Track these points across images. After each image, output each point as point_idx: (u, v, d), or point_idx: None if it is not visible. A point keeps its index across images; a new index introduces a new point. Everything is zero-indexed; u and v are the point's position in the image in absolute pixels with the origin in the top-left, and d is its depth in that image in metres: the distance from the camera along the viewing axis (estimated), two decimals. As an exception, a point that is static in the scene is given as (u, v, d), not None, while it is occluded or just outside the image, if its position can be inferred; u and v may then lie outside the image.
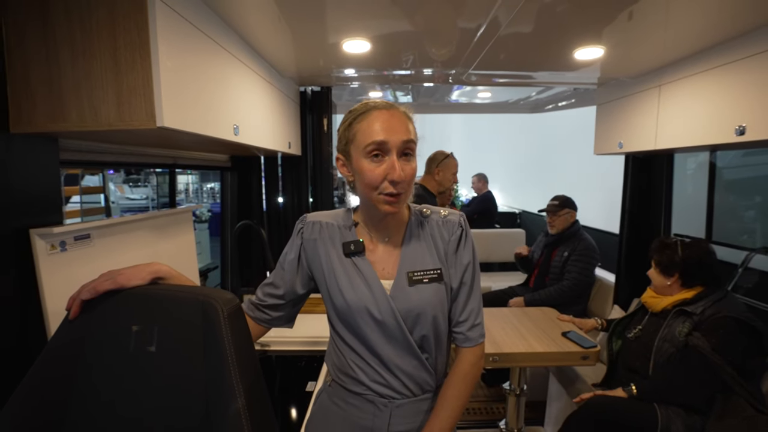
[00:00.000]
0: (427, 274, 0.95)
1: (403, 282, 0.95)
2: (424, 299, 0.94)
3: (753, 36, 1.50)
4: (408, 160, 0.91)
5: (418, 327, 0.94)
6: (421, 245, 0.98)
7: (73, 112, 0.97)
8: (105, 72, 0.96)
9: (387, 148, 0.88)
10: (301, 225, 1.03)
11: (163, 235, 1.57)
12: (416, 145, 0.93)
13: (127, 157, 1.43)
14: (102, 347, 0.81)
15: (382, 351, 0.94)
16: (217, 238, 2.42)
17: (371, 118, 0.89)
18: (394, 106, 0.92)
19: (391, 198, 0.89)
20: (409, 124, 0.92)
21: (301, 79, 2.30)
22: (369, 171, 0.89)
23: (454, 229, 0.99)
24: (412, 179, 0.91)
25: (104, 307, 0.82)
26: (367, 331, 0.94)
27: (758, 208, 3.12)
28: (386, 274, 0.97)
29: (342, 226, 1.01)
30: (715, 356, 1.55)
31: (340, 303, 0.95)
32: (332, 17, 1.45)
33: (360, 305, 0.93)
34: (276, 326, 1.06)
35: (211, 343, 0.77)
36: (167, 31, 1.00)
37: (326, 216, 1.04)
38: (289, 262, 1.02)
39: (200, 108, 1.18)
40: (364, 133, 0.89)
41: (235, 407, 0.75)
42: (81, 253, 1.13)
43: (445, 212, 1.01)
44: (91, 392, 0.80)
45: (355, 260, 0.97)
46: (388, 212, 0.91)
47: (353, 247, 0.97)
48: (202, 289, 0.83)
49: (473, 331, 0.99)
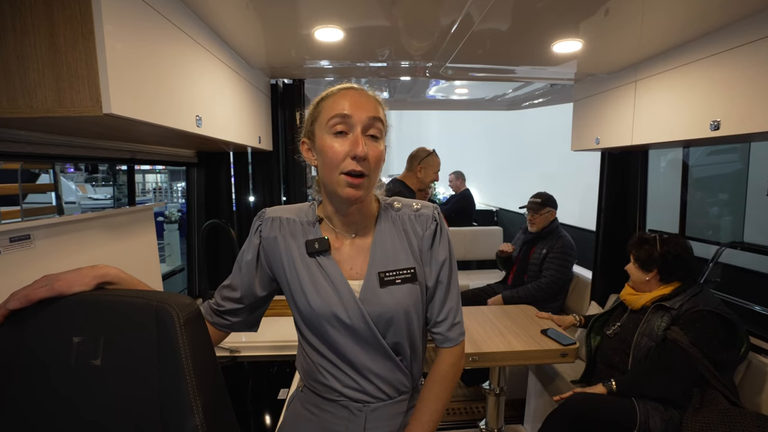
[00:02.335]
0: (399, 274, 0.88)
1: (374, 283, 0.87)
2: (397, 302, 0.87)
3: (724, 32, 1.50)
4: (375, 141, 0.84)
5: (391, 330, 0.88)
6: (392, 242, 0.91)
7: (2, 97, 0.85)
8: (40, 51, 0.85)
9: (351, 123, 0.82)
10: (259, 222, 0.95)
11: (121, 236, 1.45)
12: (384, 130, 0.86)
13: (77, 150, 1.30)
14: (36, 362, 0.71)
15: (354, 356, 0.88)
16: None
17: (339, 95, 0.85)
18: (364, 89, 0.87)
19: (354, 179, 0.81)
20: (379, 106, 0.86)
21: (271, 70, 2.20)
22: (330, 148, 0.82)
23: (428, 224, 0.92)
24: (377, 162, 0.84)
25: (40, 317, 0.72)
26: (336, 337, 0.87)
27: (722, 204, 3.23)
28: (354, 274, 0.89)
29: (304, 222, 0.93)
30: (693, 349, 1.56)
31: (304, 307, 0.88)
32: (304, 3, 1.37)
33: (326, 310, 0.86)
34: (237, 331, 0.98)
35: (167, 353, 0.69)
36: (115, 8, 0.90)
37: (287, 211, 0.95)
38: (246, 263, 0.94)
39: (156, 95, 1.08)
40: (328, 109, 0.84)
41: (192, 424, 0.68)
42: (18, 257, 1.01)
43: (418, 205, 0.94)
44: (26, 410, 0.70)
45: (320, 260, 0.89)
46: (350, 197, 0.83)
47: (317, 246, 0.88)
48: (155, 293, 0.74)
49: (452, 331, 0.93)
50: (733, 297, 2.31)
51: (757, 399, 1.63)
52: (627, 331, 1.81)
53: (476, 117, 7.00)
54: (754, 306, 2.24)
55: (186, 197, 2.23)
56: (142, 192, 10.72)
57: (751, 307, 2.25)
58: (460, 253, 4.45)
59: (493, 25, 1.56)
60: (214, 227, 2.12)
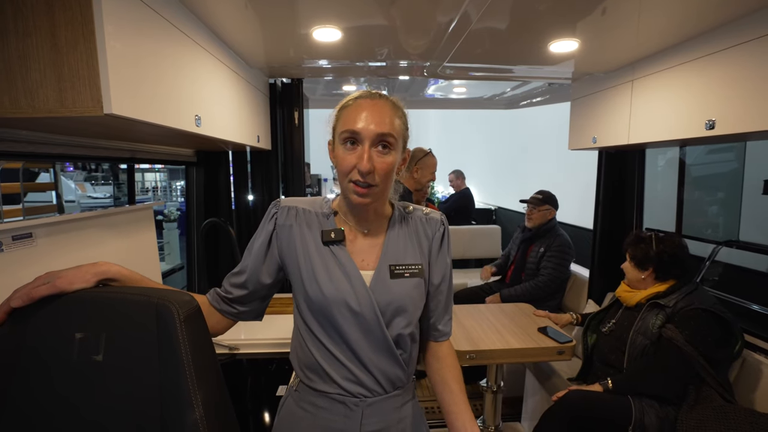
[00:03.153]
0: (408, 268, 0.95)
1: (385, 274, 0.93)
2: (404, 292, 0.93)
3: (720, 32, 1.51)
4: (383, 153, 0.87)
5: (395, 321, 0.93)
6: (404, 240, 0.98)
7: (5, 97, 0.86)
8: (42, 52, 0.86)
9: (359, 138, 0.86)
10: (275, 210, 0.98)
11: (120, 234, 1.47)
12: (397, 140, 0.89)
13: (78, 150, 1.31)
14: (39, 358, 0.72)
15: (357, 345, 0.91)
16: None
17: (355, 105, 0.88)
18: (382, 97, 0.90)
19: (359, 188, 0.86)
20: (395, 117, 0.89)
21: (270, 69, 2.21)
22: (341, 158, 0.88)
23: (437, 227, 1.01)
24: (385, 173, 0.88)
25: (41, 315, 0.73)
26: (343, 325, 0.90)
27: (718, 203, 3.25)
28: (365, 266, 0.94)
29: (320, 214, 0.97)
30: (688, 347, 1.57)
31: (315, 294, 0.91)
32: (302, 3, 1.38)
33: (338, 297, 0.90)
34: (244, 320, 1.01)
35: (167, 349, 0.70)
36: (115, 9, 0.91)
37: (303, 202, 0.99)
38: (257, 248, 0.97)
39: (156, 95, 1.09)
40: (343, 121, 0.88)
41: (192, 418, 0.69)
42: (21, 255, 1.02)
43: (427, 210, 1.03)
44: (26, 411, 0.71)
45: (334, 249, 0.93)
46: (356, 203, 0.89)
47: (333, 236, 0.93)
48: (156, 291, 0.75)
49: (448, 325, 1.05)
50: (729, 295, 2.33)
51: (751, 396, 1.65)
52: (622, 328, 1.83)
53: (475, 116, 7.00)
54: (751, 305, 2.25)
55: (185, 196, 2.24)
56: (141, 191, 10.72)
57: (747, 305, 2.27)
58: (458, 252, 4.47)
59: (490, 24, 1.57)
60: (213, 226, 2.14)
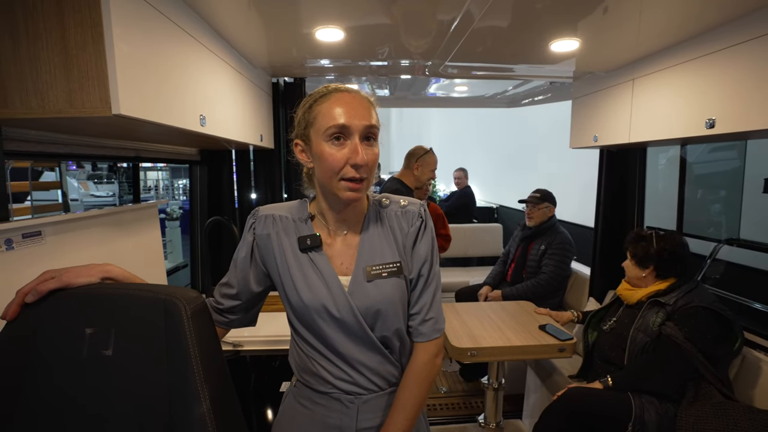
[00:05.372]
0: (386, 267, 0.91)
1: (361, 277, 0.90)
2: (383, 294, 0.90)
3: (720, 31, 1.52)
4: (370, 144, 0.86)
5: (379, 323, 0.91)
6: (379, 237, 0.93)
7: (16, 98, 0.88)
8: (52, 54, 0.88)
9: (349, 132, 0.84)
10: (252, 220, 0.97)
11: (126, 232, 1.49)
12: (378, 132, 0.89)
13: (84, 149, 1.33)
14: (49, 353, 0.74)
15: (344, 349, 0.91)
16: (189, 236, 2.33)
17: (332, 100, 0.85)
18: (356, 90, 0.88)
19: (354, 184, 0.85)
20: (372, 109, 0.88)
21: (273, 69, 2.22)
22: (330, 155, 0.84)
23: (413, 220, 0.95)
24: (374, 165, 0.87)
25: (51, 309, 0.75)
26: (326, 330, 0.90)
27: (721, 201, 3.25)
28: (345, 270, 0.92)
29: (297, 219, 0.95)
30: (687, 344, 1.58)
31: (296, 301, 0.91)
32: (305, 4, 1.39)
33: (317, 303, 0.89)
34: (236, 327, 1.01)
35: (174, 344, 0.72)
36: (123, 11, 0.93)
37: (280, 208, 0.97)
38: (241, 260, 0.97)
39: (162, 96, 1.11)
40: (325, 116, 0.84)
41: (199, 412, 0.71)
42: (30, 252, 1.04)
43: (405, 202, 0.97)
44: (38, 404, 0.73)
45: (312, 255, 0.92)
46: (350, 199, 0.86)
47: (309, 242, 0.91)
48: (163, 287, 0.77)
49: (424, 326, 0.94)
50: (730, 293, 2.34)
51: (750, 393, 1.66)
52: (623, 326, 1.84)
53: (477, 114, 7.00)
54: (753, 303, 2.26)
55: (189, 194, 2.26)
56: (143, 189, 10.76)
57: (748, 303, 2.28)
58: (460, 250, 4.48)
59: (492, 23, 1.57)
60: (216, 224, 2.15)
